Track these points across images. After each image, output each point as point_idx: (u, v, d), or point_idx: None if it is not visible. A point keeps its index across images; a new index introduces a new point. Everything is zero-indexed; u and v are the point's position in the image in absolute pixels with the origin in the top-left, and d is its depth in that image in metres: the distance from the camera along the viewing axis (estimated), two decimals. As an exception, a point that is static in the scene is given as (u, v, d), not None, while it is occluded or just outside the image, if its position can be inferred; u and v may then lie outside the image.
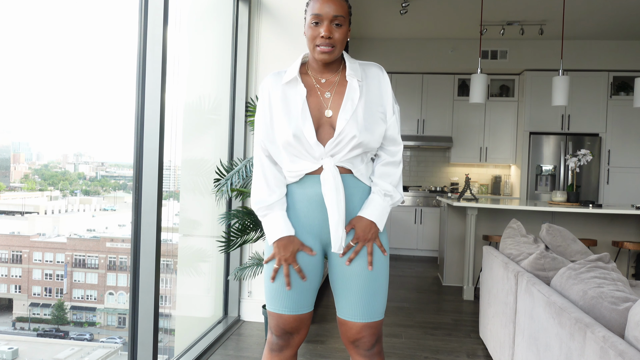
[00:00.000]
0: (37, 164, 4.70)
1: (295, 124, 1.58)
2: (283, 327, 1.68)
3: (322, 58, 1.59)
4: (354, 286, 1.63)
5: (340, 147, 1.58)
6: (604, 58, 6.91)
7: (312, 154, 1.59)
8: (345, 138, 1.57)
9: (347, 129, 1.56)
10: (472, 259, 4.74)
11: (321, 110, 1.62)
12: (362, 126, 1.58)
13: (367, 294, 1.63)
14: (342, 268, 1.64)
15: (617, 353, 1.37)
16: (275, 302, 1.67)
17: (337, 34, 1.58)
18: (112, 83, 4.58)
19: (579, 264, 2.08)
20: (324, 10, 1.56)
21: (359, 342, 1.66)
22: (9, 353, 4.95)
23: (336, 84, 1.65)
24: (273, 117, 1.65)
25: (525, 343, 2.25)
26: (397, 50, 7.24)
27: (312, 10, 1.59)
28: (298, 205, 1.65)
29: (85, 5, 4.73)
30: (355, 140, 1.57)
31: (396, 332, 3.67)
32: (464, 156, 7.43)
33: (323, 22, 1.57)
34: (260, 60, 3.78)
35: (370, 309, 1.64)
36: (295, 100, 1.62)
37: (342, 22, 1.58)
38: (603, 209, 4.60)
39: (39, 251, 5.31)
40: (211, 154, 3.64)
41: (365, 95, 1.63)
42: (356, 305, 1.64)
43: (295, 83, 1.64)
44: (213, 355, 3.11)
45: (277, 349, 1.72)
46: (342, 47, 1.62)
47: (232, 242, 3.14)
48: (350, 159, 1.61)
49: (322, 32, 1.56)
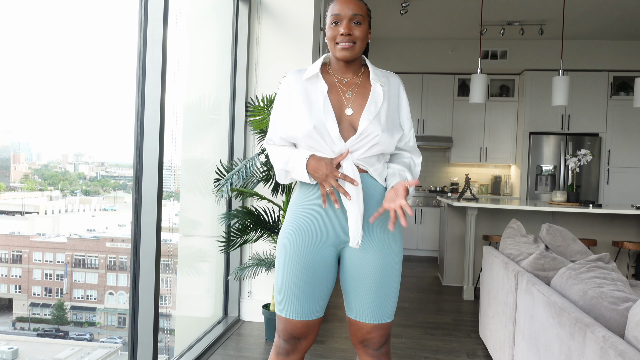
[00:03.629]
0: (37, 164, 4.71)
1: (316, 117, 1.58)
2: (291, 332, 1.67)
3: (343, 55, 1.61)
4: (366, 287, 1.63)
5: (360, 145, 1.58)
6: (604, 58, 6.91)
7: (333, 148, 1.58)
8: (368, 136, 1.57)
9: (371, 128, 1.57)
10: (472, 259, 4.74)
11: (342, 108, 1.62)
12: (384, 127, 1.60)
13: (379, 295, 1.63)
14: (355, 268, 1.63)
15: (617, 353, 1.37)
16: (285, 306, 1.65)
17: (357, 31, 1.60)
18: (112, 83, 4.58)
19: (579, 264, 2.08)
20: (343, 10, 1.60)
21: (368, 342, 1.66)
22: (9, 353, 4.95)
23: (358, 85, 1.66)
24: (293, 110, 1.63)
25: (525, 343, 2.25)
26: (397, 50, 7.24)
27: (331, 11, 1.63)
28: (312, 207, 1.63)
29: (85, 5, 4.73)
30: (377, 139, 1.58)
31: (396, 332, 3.67)
32: (464, 156, 7.43)
33: (342, 21, 1.61)
34: (260, 60, 3.78)
35: (382, 310, 1.64)
36: (317, 95, 1.62)
37: (361, 21, 1.61)
38: (603, 209, 4.60)
39: (39, 251, 5.31)
40: (211, 154, 3.64)
41: (388, 101, 1.66)
42: (368, 306, 1.64)
43: (316, 80, 1.65)
44: (213, 355, 3.11)
45: (283, 353, 1.71)
46: (362, 45, 1.63)
47: (232, 242, 3.14)
48: (368, 157, 1.61)
49: (341, 30, 1.59)
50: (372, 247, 1.63)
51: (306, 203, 1.64)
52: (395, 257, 1.66)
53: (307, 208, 1.64)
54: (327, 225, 1.62)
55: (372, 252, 1.63)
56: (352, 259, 1.64)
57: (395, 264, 1.66)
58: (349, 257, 1.65)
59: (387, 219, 1.64)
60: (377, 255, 1.63)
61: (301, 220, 1.64)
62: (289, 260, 1.64)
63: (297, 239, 1.63)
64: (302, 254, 1.63)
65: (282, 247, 1.67)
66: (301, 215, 1.65)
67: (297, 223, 1.65)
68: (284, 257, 1.66)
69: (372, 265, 1.62)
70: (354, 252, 1.64)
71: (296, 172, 1.62)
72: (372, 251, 1.63)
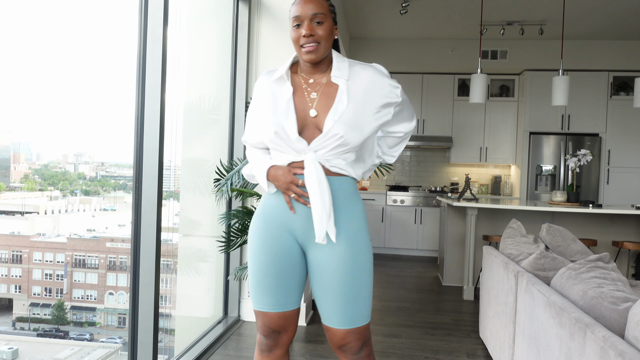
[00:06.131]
0: (37, 164, 4.71)
1: (277, 121, 1.58)
2: (269, 325, 1.67)
3: (309, 58, 1.58)
4: (334, 290, 1.59)
5: (325, 144, 1.57)
6: (604, 58, 6.91)
7: (295, 148, 1.58)
8: (333, 137, 1.55)
9: (335, 129, 1.55)
10: (472, 259, 4.74)
11: (306, 110, 1.60)
12: (349, 126, 1.55)
13: (348, 299, 1.59)
14: (321, 270, 1.61)
15: (617, 353, 1.37)
16: (259, 299, 1.66)
17: (319, 31, 1.57)
18: (112, 83, 4.58)
19: (579, 264, 2.08)
20: (303, 11, 1.57)
21: (345, 348, 1.64)
22: (9, 353, 4.95)
23: (323, 85, 1.63)
24: (260, 114, 1.66)
25: (525, 343, 2.25)
26: (397, 50, 7.24)
27: (292, 14, 1.60)
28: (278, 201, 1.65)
29: (85, 5, 4.73)
30: (342, 140, 1.55)
31: (396, 332, 3.67)
32: (464, 156, 7.43)
33: (303, 22, 1.57)
34: (260, 60, 3.79)
35: (353, 314, 1.60)
36: (282, 98, 1.63)
37: (322, 20, 1.57)
38: (603, 209, 4.60)
39: (39, 251, 5.31)
40: (211, 154, 3.64)
41: (353, 95, 1.59)
42: (338, 311, 1.60)
43: (283, 82, 1.65)
44: (213, 355, 3.11)
45: (266, 350, 1.72)
46: (327, 45, 1.60)
47: (232, 242, 3.14)
48: (334, 155, 1.58)
49: (303, 31, 1.56)
50: (338, 246, 1.60)
51: (274, 196, 1.66)
52: (365, 255, 1.62)
53: (274, 201, 1.66)
54: (291, 220, 1.63)
55: (337, 252, 1.59)
56: (317, 259, 1.62)
57: (365, 262, 1.62)
58: (314, 257, 1.63)
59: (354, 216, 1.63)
60: (343, 255, 1.59)
61: (267, 213, 1.67)
62: (256, 252, 1.67)
63: (262, 231, 1.66)
64: (269, 244, 1.64)
65: (250, 240, 1.70)
66: (268, 208, 1.67)
67: (263, 216, 1.67)
68: (252, 249, 1.68)
69: (339, 266, 1.59)
70: (319, 251, 1.61)
71: (260, 180, 1.67)
72: (337, 251, 1.60)
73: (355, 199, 1.65)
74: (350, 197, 1.63)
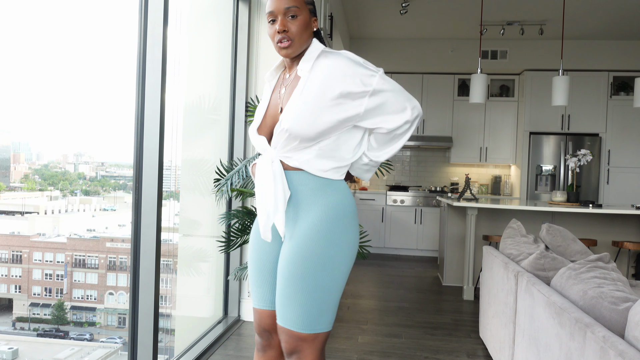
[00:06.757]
0: (37, 164, 4.71)
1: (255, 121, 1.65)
2: (259, 322, 1.69)
3: (284, 53, 1.55)
4: (278, 285, 1.57)
5: (277, 140, 1.54)
6: (604, 58, 6.91)
7: (260, 145, 1.62)
8: (281, 132, 1.52)
9: (282, 124, 1.50)
10: (472, 259, 4.74)
11: (277, 106, 1.60)
12: (298, 119, 1.47)
13: (284, 294, 1.54)
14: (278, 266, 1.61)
15: (617, 353, 1.37)
16: (253, 296, 1.72)
17: (293, 26, 1.51)
18: (112, 83, 4.58)
19: (579, 264, 2.08)
20: (275, 6, 1.52)
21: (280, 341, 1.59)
22: (9, 353, 4.95)
23: (291, 80, 1.59)
24: None
25: (525, 343, 2.25)
26: (397, 50, 7.24)
27: (266, 9, 1.56)
28: None
29: (85, 5, 4.73)
30: (287, 134, 1.49)
31: (396, 332, 3.67)
32: (464, 156, 7.43)
33: (277, 17, 1.52)
34: (260, 60, 3.78)
35: (285, 312, 1.54)
36: (266, 95, 1.68)
37: (296, 13, 1.51)
38: (603, 209, 4.60)
39: (39, 251, 5.31)
40: (211, 154, 3.64)
41: (309, 87, 1.49)
42: (278, 303, 1.57)
43: (272, 78, 1.69)
44: (213, 355, 3.11)
45: (261, 349, 1.73)
46: (303, 39, 1.53)
47: (232, 242, 3.14)
48: (289, 150, 1.53)
49: (277, 27, 1.52)
50: (289, 242, 1.56)
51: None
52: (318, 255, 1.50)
53: None
54: None
55: (287, 247, 1.57)
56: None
57: (316, 263, 1.49)
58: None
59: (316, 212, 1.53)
60: (288, 251, 1.55)
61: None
62: (249, 250, 1.73)
63: (255, 228, 1.73)
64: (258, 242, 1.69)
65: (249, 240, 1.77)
66: None
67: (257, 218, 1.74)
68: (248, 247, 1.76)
69: (282, 261, 1.56)
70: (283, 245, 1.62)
71: None
72: (287, 246, 1.57)
73: (320, 196, 1.53)
74: (314, 194, 1.53)
